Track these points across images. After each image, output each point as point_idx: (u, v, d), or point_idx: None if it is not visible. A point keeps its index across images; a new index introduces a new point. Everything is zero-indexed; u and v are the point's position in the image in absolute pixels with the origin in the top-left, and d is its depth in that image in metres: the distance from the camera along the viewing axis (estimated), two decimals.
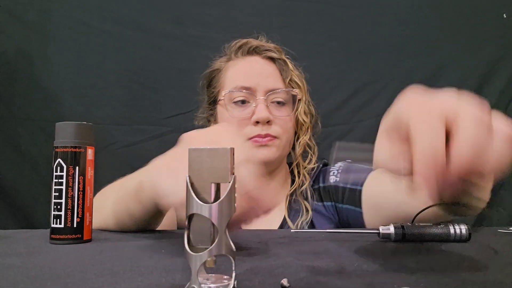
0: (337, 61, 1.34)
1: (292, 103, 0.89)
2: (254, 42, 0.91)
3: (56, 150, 0.48)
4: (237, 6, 1.31)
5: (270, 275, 0.33)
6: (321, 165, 0.94)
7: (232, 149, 0.28)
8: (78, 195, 0.48)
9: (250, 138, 0.84)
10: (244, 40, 0.92)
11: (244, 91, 0.85)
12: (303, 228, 0.84)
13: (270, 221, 0.87)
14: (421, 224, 0.53)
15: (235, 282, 0.28)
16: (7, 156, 1.21)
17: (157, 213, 0.56)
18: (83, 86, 1.26)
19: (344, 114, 1.34)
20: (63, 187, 0.47)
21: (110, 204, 0.60)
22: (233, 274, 0.28)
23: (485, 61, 1.35)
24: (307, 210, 0.87)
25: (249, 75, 0.87)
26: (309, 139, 0.91)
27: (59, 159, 0.47)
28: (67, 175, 0.47)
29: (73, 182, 0.47)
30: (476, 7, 1.36)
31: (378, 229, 0.53)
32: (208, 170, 0.28)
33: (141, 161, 0.53)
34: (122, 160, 1.23)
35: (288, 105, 0.88)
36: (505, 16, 1.35)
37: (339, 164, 0.93)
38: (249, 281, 0.31)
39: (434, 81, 1.35)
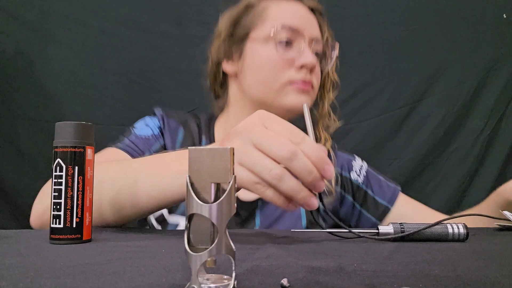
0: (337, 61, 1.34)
1: (322, 58, 0.87)
2: None
3: (56, 150, 0.48)
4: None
5: (270, 275, 0.33)
6: (335, 145, 0.94)
7: (232, 149, 0.28)
8: (77, 195, 0.48)
9: (291, 83, 0.81)
10: None
11: (291, 31, 0.81)
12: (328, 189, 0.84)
13: None
14: (420, 223, 0.53)
15: (235, 282, 0.28)
16: (6, 156, 1.21)
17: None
18: (83, 86, 1.26)
19: (344, 114, 1.34)
20: (63, 187, 0.47)
21: (108, 193, 0.59)
22: (233, 274, 0.28)
23: (485, 61, 1.35)
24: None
25: (297, 16, 0.83)
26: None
27: (58, 159, 0.47)
28: (67, 175, 0.47)
29: (73, 182, 0.47)
30: (476, 7, 1.36)
31: (377, 229, 0.53)
32: (208, 170, 0.28)
33: None
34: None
35: (318, 60, 0.86)
36: (505, 16, 1.35)
37: (359, 162, 0.95)
38: (249, 281, 0.31)
39: (434, 81, 1.36)
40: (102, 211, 0.59)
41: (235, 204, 0.28)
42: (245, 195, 0.82)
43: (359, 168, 0.93)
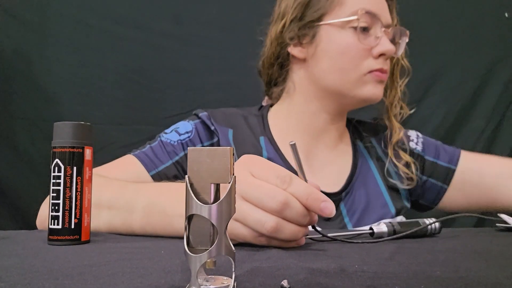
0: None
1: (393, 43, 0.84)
2: None
3: (54, 150, 0.47)
4: (237, 5, 1.30)
5: (270, 277, 0.32)
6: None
7: (232, 149, 0.28)
8: (76, 195, 0.47)
9: (371, 72, 0.78)
10: None
11: (370, 17, 0.77)
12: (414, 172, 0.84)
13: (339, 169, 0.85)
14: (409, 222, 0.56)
15: (235, 284, 0.28)
16: (5, 156, 1.21)
17: None
18: (82, 86, 1.25)
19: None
20: (61, 188, 0.47)
21: (107, 214, 0.58)
22: (233, 276, 0.28)
23: (485, 62, 1.35)
24: (406, 157, 0.85)
25: (375, 0, 0.79)
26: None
27: (56, 159, 0.47)
28: (65, 175, 0.47)
29: (71, 182, 0.47)
30: (476, 7, 1.36)
31: (371, 229, 0.54)
32: (208, 171, 0.28)
33: None
34: None
35: None
36: (506, 15, 1.34)
37: (414, 132, 0.94)
38: (249, 283, 0.30)
39: (434, 81, 1.35)
40: (98, 229, 0.58)
41: (235, 205, 0.28)
42: (328, 187, 0.80)
43: (415, 137, 0.92)
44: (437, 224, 0.57)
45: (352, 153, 0.88)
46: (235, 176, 0.28)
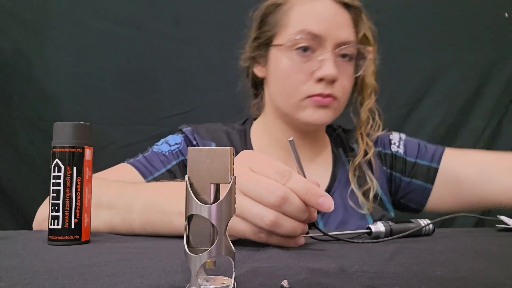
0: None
1: (357, 59, 0.81)
2: None
3: (54, 150, 0.47)
4: (237, 5, 1.30)
5: (270, 277, 0.32)
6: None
7: (232, 149, 0.28)
8: (76, 196, 0.47)
9: (309, 96, 0.76)
10: None
11: (312, 38, 0.74)
12: (370, 201, 0.82)
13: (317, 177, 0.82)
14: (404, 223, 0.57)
15: (235, 284, 0.28)
16: (5, 156, 1.21)
17: None
18: (82, 86, 1.26)
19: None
20: (61, 188, 0.47)
21: (106, 213, 0.57)
22: (233, 276, 0.28)
23: (485, 61, 1.35)
24: (371, 181, 0.83)
25: (320, 20, 0.75)
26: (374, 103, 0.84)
27: (56, 160, 0.47)
28: (65, 175, 0.47)
29: (71, 182, 0.47)
30: (476, 7, 1.36)
31: (369, 228, 0.55)
32: (208, 171, 0.28)
33: None
34: (120, 160, 1.22)
35: (353, 62, 0.80)
36: (506, 15, 1.34)
37: (397, 135, 0.92)
38: (249, 283, 0.30)
39: (434, 81, 1.35)
40: (98, 229, 0.58)
41: (235, 205, 0.28)
42: None
43: (398, 140, 0.91)
44: (430, 224, 0.58)
45: (332, 163, 0.87)
46: (235, 176, 0.28)
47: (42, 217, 0.64)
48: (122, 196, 0.58)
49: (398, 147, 0.90)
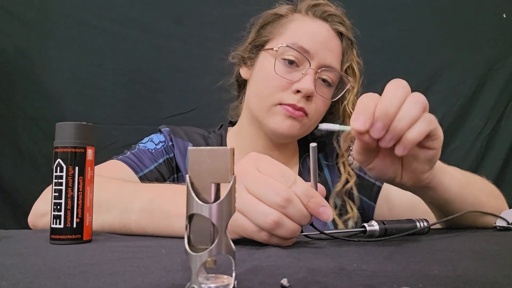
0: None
1: (337, 88, 0.83)
2: (331, 9, 0.83)
3: (56, 150, 0.48)
4: (237, 5, 1.31)
5: (270, 275, 0.33)
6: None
7: (232, 149, 0.28)
8: (77, 195, 0.48)
9: (282, 104, 0.78)
10: (323, 1, 0.84)
11: (301, 52, 0.78)
12: (351, 227, 0.81)
13: None
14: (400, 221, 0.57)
15: (235, 282, 0.28)
16: (6, 155, 1.21)
17: None
18: (83, 86, 1.26)
19: None
20: (63, 188, 0.47)
21: (107, 215, 0.57)
22: (233, 274, 0.28)
23: (484, 61, 1.35)
24: (351, 209, 0.83)
25: (313, 39, 0.79)
26: None
27: (58, 159, 0.47)
28: (67, 175, 0.47)
29: (73, 182, 0.47)
30: (476, 7, 1.36)
31: (364, 227, 0.55)
32: (208, 170, 0.28)
33: None
34: None
35: (333, 89, 0.83)
36: (505, 16, 1.35)
37: None
38: (249, 281, 0.31)
39: (434, 81, 1.35)
40: (97, 229, 0.58)
41: (235, 204, 0.28)
42: None
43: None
44: (425, 223, 0.58)
45: (298, 174, 0.87)
46: (235, 176, 0.28)
47: (38, 212, 0.64)
48: (121, 196, 0.59)
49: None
